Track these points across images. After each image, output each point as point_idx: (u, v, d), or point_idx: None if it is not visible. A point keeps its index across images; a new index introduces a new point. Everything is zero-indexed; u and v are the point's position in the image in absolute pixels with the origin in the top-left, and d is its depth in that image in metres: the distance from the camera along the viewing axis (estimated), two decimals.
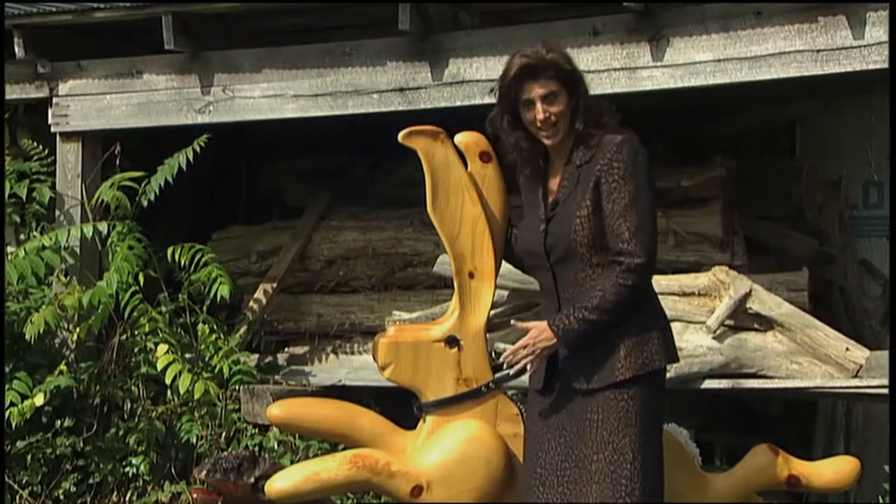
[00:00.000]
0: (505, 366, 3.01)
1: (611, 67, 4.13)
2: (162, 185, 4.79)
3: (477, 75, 4.34)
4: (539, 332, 2.92)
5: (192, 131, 4.81)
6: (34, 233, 4.96)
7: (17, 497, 4.54)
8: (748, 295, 4.14)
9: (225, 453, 3.90)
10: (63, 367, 4.72)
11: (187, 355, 4.71)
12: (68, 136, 5.05)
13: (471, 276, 3.20)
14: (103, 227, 4.80)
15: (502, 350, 3.69)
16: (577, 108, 2.92)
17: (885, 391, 3.82)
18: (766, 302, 4.15)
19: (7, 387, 4.53)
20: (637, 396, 2.86)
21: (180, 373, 4.50)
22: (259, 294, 5.19)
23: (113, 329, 4.82)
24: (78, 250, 4.93)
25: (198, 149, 4.73)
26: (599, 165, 2.88)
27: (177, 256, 4.76)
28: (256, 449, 4.43)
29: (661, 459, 2.93)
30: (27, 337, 4.56)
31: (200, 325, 4.77)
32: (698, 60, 4.04)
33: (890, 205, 5.14)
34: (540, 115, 2.91)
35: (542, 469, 2.94)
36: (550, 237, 2.95)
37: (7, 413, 4.45)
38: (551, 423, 2.95)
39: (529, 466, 2.99)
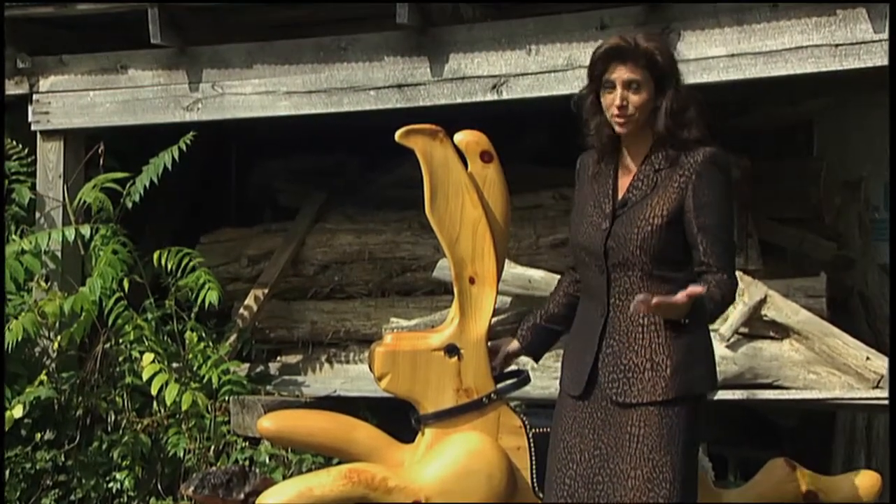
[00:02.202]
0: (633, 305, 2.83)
1: None
2: (147, 185, 4.80)
3: (478, 71, 4.34)
4: (678, 301, 2.76)
5: (180, 130, 4.82)
6: (13, 236, 4.96)
7: None
8: (763, 301, 4.14)
9: (214, 468, 3.92)
10: (43, 377, 4.72)
11: (174, 365, 4.71)
12: (49, 134, 5.06)
13: (471, 281, 3.20)
14: (86, 230, 4.81)
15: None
16: (660, 107, 2.88)
17: None
18: (783, 309, 4.15)
19: None
20: (680, 416, 2.86)
21: (167, 383, 4.51)
22: (250, 300, 5.19)
23: (96, 337, 4.82)
24: (59, 254, 4.94)
25: (184, 147, 4.73)
26: (685, 177, 2.86)
27: (163, 261, 4.77)
28: (247, 463, 4.43)
29: (696, 484, 2.94)
30: (5, 345, 4.55)
31: (188, 333, 4.77)
32: (710, 55, 4.05)
33: (890, 204, 5.14)
34: (617, 101, 2.87)
35: (573, 481, 2.90)
36: (613, 238, 2.89)
37: None
38: (586, 433, 2.92)
39: (559, 477, 2.94)
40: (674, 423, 2.85)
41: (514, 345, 3.22)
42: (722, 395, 4.10)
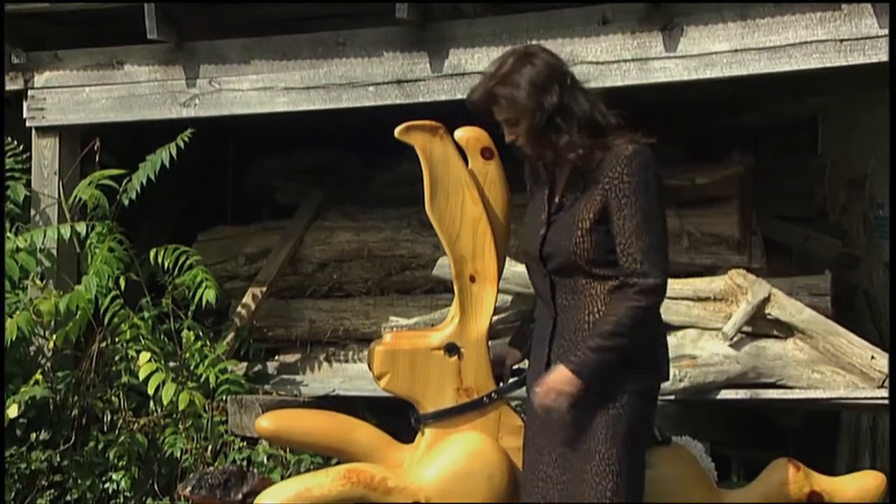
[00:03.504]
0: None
1: (621, 59, 4.14)
2: (144, 183, 4.80)
3: (479, 67, 4.34)
4: (559, 377, 2.90)
5: (177, 126, 4.82)
6: (8, 234, 4.96)
7: None
8: (767, 300, 4.14)
9: (211, 468, 3.92)
10: (39, 376, 4.72)
11: (171, 364, 4.71)
12: (44, 130, 5.06)
13: (472, 279, 3.20)
14: (82, 227, 4.81)
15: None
16: (541, 127, 2.91)
17: None
18: (787, 307, 4.15)
19: None
20: (625, 409, 2.92)
21: (164, 382, 4.51)
22: (247, 299, 5.19)
23: (92, 336, 4.82)
24: (55, 252, 4.93)
25: (182, 144, 4.73)
26: (608, 178, 2.90)
27: (160, 259, 4.77)
28: (245, 463, 4.43)
29: (643, 477, 3.00)
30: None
31: (185, 332, 4.78)
32: (714, 51, 4.05)
33: (890, 204, 5.14)
34: (507, 138, 2.99)
35: (544, 483, 2.98)
36: (548, 245, 2.98)
37: None
38: (550, 434, 2.98)
39: (532, 480, 3.02)
40: (619, 415, 2.90)
41: (516, 353, 3.26)
42: (725, 394, 4.11)
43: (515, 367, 3.32)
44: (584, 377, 2.87)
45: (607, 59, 4.14)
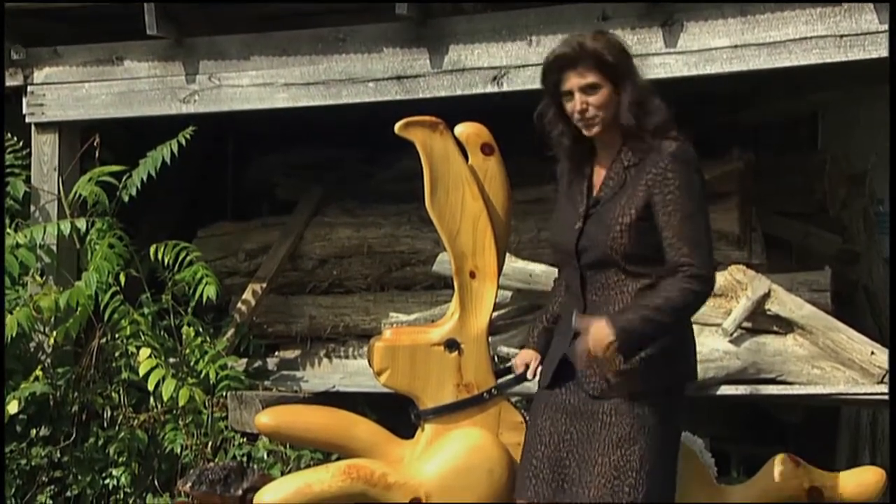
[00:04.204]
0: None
1: None
2: (144, 179, 4.80)
3: (479, 62, 4.35)
4: (598, 331, 2.84)
5: (177, 122, 4.82)
6: (8, 230, 4.96)
7: None
8: (767, 296, 4.14)
9: (211, 464, 3.92)
10: (39, 372, 4.72)
11: (171, 360, 4.71)
12: (44, 126, 5.06)
13: (472, 275, 3.21)
14: (82, 223, 4.81)
15: (506, 354, 3.72)
16: (621, 102, 2.92)
17: None
18: (786, 303, 4.16)
19: None
20: (652, 410, 2.92)
21: (164, 378, 4.51)
22: (247, 295, 5.20)
23: (92, 332, 4.83)
24: (55, 248, 4.94)
25: (183, 141, 4.73)
26: (651, 174, 2.90)
27: (160, 255, 4.77)
28: (245, 459, 4.44)
29: (672, 475, 2.97)
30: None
31: (185, 328, 4.78)
32: (714, 46, 4.05)
33: (890, 200, 5.14)
34: (577, 107, 2.94)
35: (539, 461, 2.99)
36: (585, 238, 2.96)
37: None
38: (559, 417, 2.98)
39: (526, 458, 3.03)
40: (645, 415, 2.90)
41: (532, 353, 3.24)
42: (725, 390, 4.11)
43: (504, 365, 3.33)
44: (619, 339, 2.81)
45: None
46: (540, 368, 3.16)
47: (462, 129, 3.23)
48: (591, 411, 2.93)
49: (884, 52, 3.84)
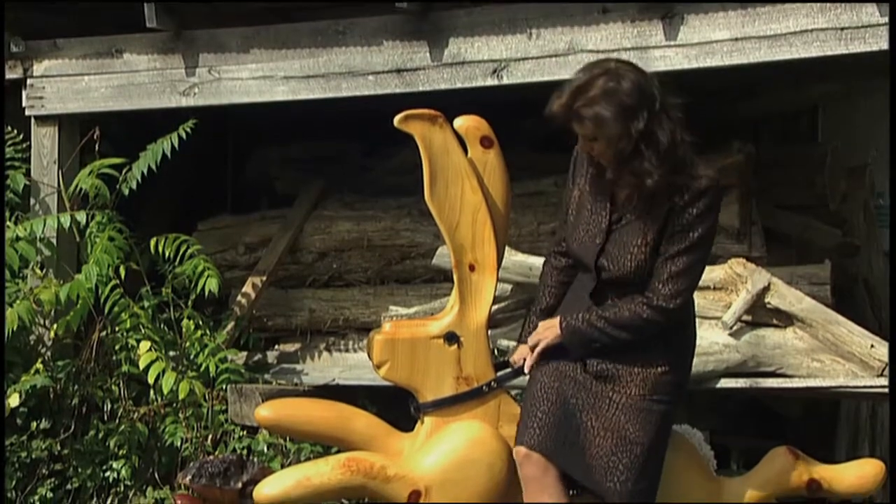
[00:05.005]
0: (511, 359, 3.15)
1: (621, 47, 4.13)
2: (145, 172, 4.80)
3: (479, 55, 4.34)
4: (546, 327, 3.11)
5: (177, 115, 4.81)
6: (8, 223, 4.95)
7: None
8: (767, 289, 4.14)
9: (211, 457, 3.92)
10: (39, 365, 4.72)
11: (171, 353, 4.71)
12: (44, 119, 5.05)
13: (471, 268, 3.21)
14: (82, 216, 4.81)
15: (505, 348, 3.73)
16: (627, 152, 2.91)
17: None
18: (786, 296, 4.16)
19: None
20: (661, 405, 3.05)
21: (164, 371, 4.51)
22: (247, 288, 5.20)
23: (92, 325, 4.83)
24: (55, 241, 4.93)
25: (184, 135, 4.73)
26: (674, 204, 2.96)
27: (160, 248, 4.77)
28: (245, 452, 4.44)
29: (662, 463, 3.09)
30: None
31: (185, 321, 4.78)
32: (714, 39, 4.04)
33: (890, 193, 5.14)
34: (583, 148, 3.02)
35: (545, 416, 3.06)
36: (605, 257, 3.05)
37: None
38: (565, 381, 3.07)
39: (531, 412, 3.09)
40: (652, 407, 3.03)
41: (528, 348, 3.27)
42: (725, 383, 4.11)
43: (503, 359, 3.34)
44: (565, 337, 3.06)
45: (607, 48, 4.13)
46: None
47: (461, 122, 3.22)
48: (600, 388, 3.04)
49: (885, 45, 3.83)
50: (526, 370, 3.19)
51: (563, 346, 3.09)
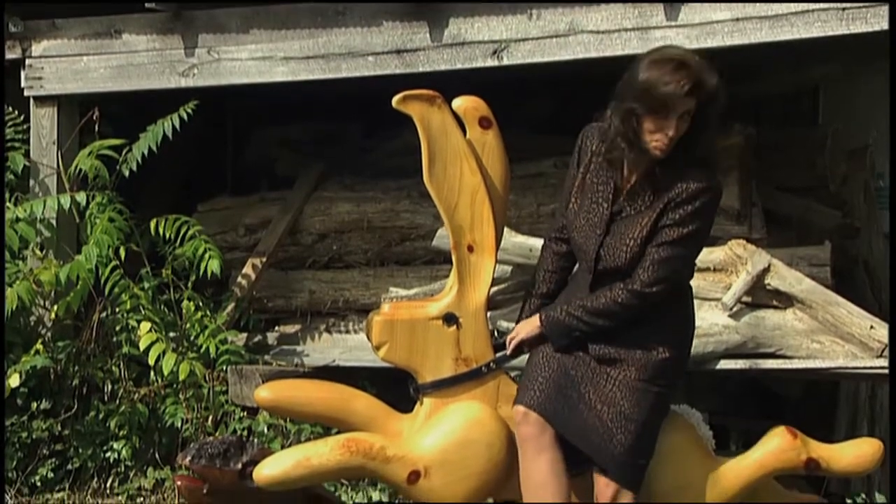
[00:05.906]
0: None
1: (622, 27, 4.11)
2: (145, 153, 4.79)
3: (479, 36, 4.32)
4: (529, 321, 3.20)
5: (176, 95, 4.80)
6: (8, 204, 4.95)
7: None
8: (767, 270, 4.14)
9: (211, 438, 3.92)
10: (39, 346, 4.73)
11: (171, 334, 4.72)
12: (43, 100, 5.04)
13: (470, 249, 3.21)
14: (81, 197, 4.80)
15: (505, 329, 3.73)
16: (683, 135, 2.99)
17: None
18: (786, 277, 4.15)
19: None
20: (659, 387, 3.10)
21: (164, 352, 4.52)
22: (247, 269, 5.20)
23: (92, 306, 4.83)
24: (54, 222, 4.93)
25: (185, 116, 4.72)
26: (672, 197, 3.01)
27: (160, 229, 4.77)
28: (245, 433, 4.45)
29: (655, 440, 3.15)
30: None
31: (185, 303, 4.78)
32: (715, 20, 4.03)
33: (890, 174, 5.12)
34: (671, 133, 2.97)
35: (546, 381, 3.12)
36: (606, 248, 3.08)
37: None
38: (566, 355, 3.12)
39: (532, 374, 3.15)
40: (650, 391, 3.08)
41: None
42: (724, 364, 4.12)
43: (501, 339, 3.35)
44: (546, 329, 3.15)
45: (608, 29, 4.11)
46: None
47: (460, 103, 3.21)
48: (599, 367, 3.09)
49: (886, 25, 3.81)
50: (526, 349, 3.23)
51: (544, 337, 3.15)
